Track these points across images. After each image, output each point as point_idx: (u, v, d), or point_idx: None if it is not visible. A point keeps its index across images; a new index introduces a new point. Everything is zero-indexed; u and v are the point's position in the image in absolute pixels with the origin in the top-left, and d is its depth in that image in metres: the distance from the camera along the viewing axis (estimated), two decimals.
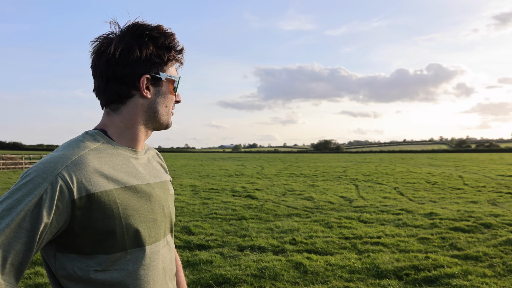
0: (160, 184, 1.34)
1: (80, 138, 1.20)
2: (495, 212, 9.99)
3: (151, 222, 1.22)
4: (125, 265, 1.15)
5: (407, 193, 14.53)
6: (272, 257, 6.15)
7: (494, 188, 15.81)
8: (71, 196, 1.05)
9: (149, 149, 1.45)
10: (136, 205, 1.18)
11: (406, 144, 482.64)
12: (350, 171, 28.45)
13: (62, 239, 1.11)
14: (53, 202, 1.02)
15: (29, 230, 1.00)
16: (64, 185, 1.04)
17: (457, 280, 5.14)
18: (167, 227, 1.34)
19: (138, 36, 1.23)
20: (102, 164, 1.15)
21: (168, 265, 1.32)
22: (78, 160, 1.10)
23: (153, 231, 1.23)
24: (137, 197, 1.20)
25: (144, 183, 1.25)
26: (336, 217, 9.47)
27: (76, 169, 1.08)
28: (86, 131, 1.25)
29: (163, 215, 1.30)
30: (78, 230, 1.08)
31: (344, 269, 5.61)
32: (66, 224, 1.07)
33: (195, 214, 10.10)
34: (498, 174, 23.69)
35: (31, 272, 5.45)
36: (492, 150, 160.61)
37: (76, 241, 1.10)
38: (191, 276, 5.33)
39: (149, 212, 1.22)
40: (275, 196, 13.86)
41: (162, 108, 1.30)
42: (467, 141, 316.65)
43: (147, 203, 1.23)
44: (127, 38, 1.22)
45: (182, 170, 29.99)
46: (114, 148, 1.23)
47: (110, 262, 1.13)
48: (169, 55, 1.28)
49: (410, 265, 5.69)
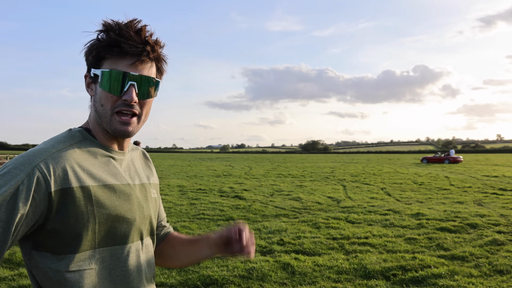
0: (140, 186, 1.32)
1: (62, 135, 1.20)
2: (481, 212, 10.07)
3: (127, 223, 1.21)
4: (94, 264, 1.14)
5: (394, 194, 14.61)
6: (260, 257, 6.13)
7: (479, 188, 15.96)
8: (48, 188, 1.04)
9: (134, 149, 1.43)
10: (112, 204, 1.17)
11: (393, 144, 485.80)
12: (338, 171, 28.54)
13: (36, 236, 1.09)
14: (30, 194, 1.02)
15: (4, 221, 0.99)
16: (42, 177, 1.04)
17: (444, 280, 5.17)
18: (146, 229, 1.32)
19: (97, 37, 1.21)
20: (82, 160, 1.15)
21: (145, 267, 1.30)
22: (57, 154, 1.10)
23: (128, 232, 1.22)
24: (115, 197, 1.18)
25: (123, 183, 1.23)
26: (324, 218, 9.48)
27: (55, 162, 1.08)
28: (70, 129, 1.24)
29: (142, 216, 1.28)
30: (52, 224, 1.07)
31: (332, 270, 5.61)
32: (43, 217, 1.06)
33: (183, 214, 10.05)
34: (484, 174, 23.94)
35: (15, 273, 5.37)
36: (478, 151, 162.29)
37: (49, 238, 1.09)
38: (178, 277, 5.29)
39: (126, 212, 1.20)
40: (263, 196, 13.85)
41: (99, 107, 1.20)
42: (453, 142, 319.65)
43: (125, 203, 1.21)
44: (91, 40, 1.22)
45: (170, 170, 29.85)
46: (95, 147, 1.22)
47: (79, 261, 1.11)
48: (98, 50, 1.18)
49: (398, 266, 5.71)
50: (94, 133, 1.25)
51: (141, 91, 1.20)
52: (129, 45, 1.15)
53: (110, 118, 1.19)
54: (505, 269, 5.58)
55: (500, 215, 9.75)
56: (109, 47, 1.16)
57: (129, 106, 1.19)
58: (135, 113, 1.21)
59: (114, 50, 1.16)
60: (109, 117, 1.19)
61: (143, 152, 1.50)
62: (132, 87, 1.17)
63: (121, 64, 1.17)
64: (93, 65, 1.20)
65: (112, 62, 1.17)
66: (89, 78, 1.23)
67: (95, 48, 1.17)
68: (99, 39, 1.18)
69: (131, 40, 1.16)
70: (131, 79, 1.17)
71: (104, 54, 1.17)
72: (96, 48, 1.17)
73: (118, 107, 1.18)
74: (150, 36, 1.21)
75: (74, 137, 1.19)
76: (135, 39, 1.16)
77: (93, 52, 1.18)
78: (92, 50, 1.18)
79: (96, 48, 1.17)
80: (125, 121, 1.19)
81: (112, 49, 1.16)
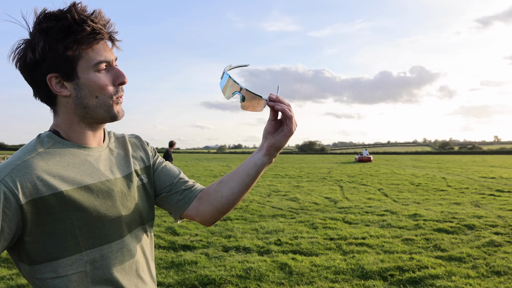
0: (123, 178, 1.28)
1: (31, 143, 1.16)
2: (478, 213, 10.09)
3: (111, 221, 1.19)
4: (83, 267, 1.12)
5: (391, 194, 14.61)
6: (257, 257, 6.13)
7: (477, 189, 15.98)
8: (17, 201, 1.02)
9: (114, 138, 1.38)
10: (91, 205, 1.14)
11: (390, 145, 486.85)
12: (335, 172, 28.55)
13: (18, 247, 1.09)
14: (0, 210, 1.00)
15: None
16: (9, 192, 1.02)
17: (441, 281, 5.17)
18: (135, 220, 1.29)
19: (33, 35, 1.11)
20: (51, 166, 1.11)
21: (138, 258, 1.28)
22: (22, 165, 1.07)
23: (115, 229, 1.20)
24: (93, 197, 1.15)
25: (101, 181, 1.20)
26: (321, 218, 9.48)
27: (20, 174, 1.05)
28: (39, 134, 1.21)
29: (128, 209, 1.25)
30: (30, 235, 1.06)
31: (329, 270, 5.61)
32: (20, 230, 1.05)
33: None
34: (481, 176, 23.97)
35: (13, 273, 5.39)
36: (475, 152, 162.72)
37: (31, 248, 1.08)
38: (176, 277, 5.28)
39: (108, 210, 1.18)
40: (260, 196, 13.83)
41: (91, 101, 1.15)
42: (450, 143, 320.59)
43: (106, 201, 1.18)
44: (22, 42, 1.13)
45: None
46: (66, 148, 1.17)
47: (66, 266, 1.10)
48: (68, 42, 1.08)
49: (395, 266, 5.71)
50: (64, 134, 1.20)
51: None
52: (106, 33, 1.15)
53: (110, 103, 1.18)
54: (502, 270, 5.59)
55: (497, 216, 9.76)
56: (90, 39, 1.10)
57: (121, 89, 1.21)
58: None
59: (95, 41, 1.12)
60: (108, 104, 1.18)
61: (130, 137, 1.44)
62: (119, 69, 1.19)
63: (103, 52, 1.15)
64: (69, 61, 1.11)
65: (95, 53, 1.13)
66: (57, 78, 1.13)
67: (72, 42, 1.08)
68: (67, 31, 1.09)
69: (102, 25, 1.13)
70: (114, 62, 1.20)
71: (86, 46, 1.10)
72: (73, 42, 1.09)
73: (119, 92, 1.20)
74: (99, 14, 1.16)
75: (43, 143, 1.15)
76: (102, 23, 1.13)
77: (68, 46, 1.09)
78: (67, 44, 1.08)
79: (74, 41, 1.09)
80: (120, 101, 1.22)
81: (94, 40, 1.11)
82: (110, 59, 1.16)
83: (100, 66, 1.14)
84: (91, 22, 1.10)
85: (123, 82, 1.19)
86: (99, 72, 1.14)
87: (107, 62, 1.16)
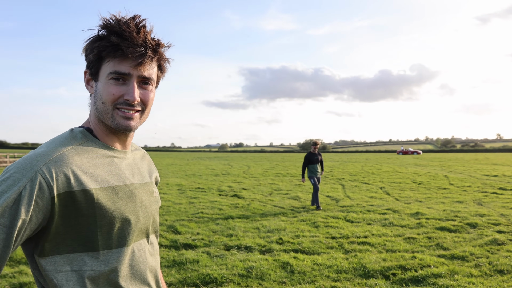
0: (143, 185, 1.32)
1: (64, 136, 1.19)
2: (480, 212, 10.05)
3: (131, 224, 1.21)
4: (97, 266, 1.14)
5: (393, 193, 14.59)
6: (259, 256, 6.11)
7: (479, 188, 15.94)
8: (51, 193, 1.04)
9: (137, 150, 1.44)
10: (115, 206, 1.16)
11: (392, 143, 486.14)
12: (337, 170, 28.53)
13: (39, 238, 1.10)
14: (32, 199, 1.01)
15: (8, 227, 0.99)
16: (44, 182, 1.03)
17: (443, 280, 5.14)
18: (150, 227, 1.33)
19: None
20: (84, 163, 1.14)
21: (151, 264, 1.31)
22: (59, 157, 1.09)
23: (133, 232, 1.22)
24: (117, 198, 1.18)
25: (126, 184, 1.23)
26: (323, 217, 9.47)
27: (57, 166, 1.07)
28: (71, 129, 1.24)
29: (146, 216, 1.29)
30: (54, 227, 1.07)
31: (331, 269, 5.59)
32: (46, 221, 1.06)
33: (182, 213, 10.03)
34: (483, 174, 23.92)
35: (16, 271, 5.41)
36: (477, 150, 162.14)
37: (51, 240, 1.09)
38: (177, 275, 5.27)
39: (129, 213, 1.20)
40: (262, 195, 13.83)
41: (99, 105, 1.20)
42: (453, 141, 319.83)
43: (128, 204, 1.21)
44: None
45: (168, 169, 29.84)
46: (97, 147, 1.21)
47: (81, 261, 1.11)
48: (95, 46, 1.17)
49: (397, 265, 5.69)
50: (95, 133, 1.25)
51: (142, 90, 1.22)
52: (131, 51, 1.16)
53: (112, 113, 1.19)
54: (505, 269, 5.56)
55: (500, 214, 9.73)
56: (111, 50, 1.16)
57: (130, 105, 1.20)
58: (137, 108, 1.23)
59: (117, 53, 1.16)
60: (110, 113, 1.19)
61: (145, 153, 1.51)
62: (134, 87, 1.19)
63: (123, 65, 1.17)
64: (94, 64, 1.19)
65: (115, 64, 1.17)
66: (88, 75, 1.23)
67: (96, 47, 1.17)
68: (100, 38, 1.17)
69: (133, 43, 1.16)
70: (134, 80, 1.20)
71: (106, 55, 1.17)
72: (97, 47, 1.16)
73: (120, 105, 1.19)
74: (150, 33, 1.22)
75: (76, 138, 1.19)
76: (137, 41, 1.17)
77: (94, 51, 1.17)
78: (93, 49, 1.17)
79: (98, 47, 1.16)
80: (128, 116, 1.21)
81: (115, 53, 1.16)
82: (126, 73, 1.18)
83: (111, 76, 1.17)
84: (118, 37, 1.15)
85: (127, 100, 1.19)
86: (110, 80, 1.18)
87: (121, 75, 1.18)
